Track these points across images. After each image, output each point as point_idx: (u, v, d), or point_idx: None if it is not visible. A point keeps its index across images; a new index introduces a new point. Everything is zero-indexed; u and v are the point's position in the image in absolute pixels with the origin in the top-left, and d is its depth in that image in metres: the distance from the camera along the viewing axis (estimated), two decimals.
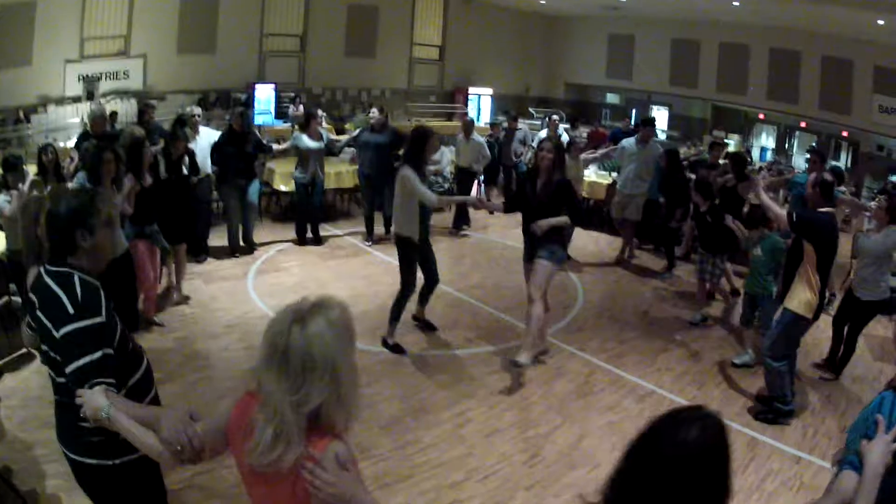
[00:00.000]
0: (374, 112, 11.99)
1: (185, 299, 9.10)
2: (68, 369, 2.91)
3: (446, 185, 13.79)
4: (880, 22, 15.11)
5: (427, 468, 5.87)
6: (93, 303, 3.07)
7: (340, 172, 13.28)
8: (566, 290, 10.77)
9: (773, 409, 7.24)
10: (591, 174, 14.36)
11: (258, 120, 16.45)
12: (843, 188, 11.48)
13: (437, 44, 23.31)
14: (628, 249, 12.50)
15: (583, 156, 12.25)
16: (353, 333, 2.38)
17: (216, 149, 10.47)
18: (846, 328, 8.41)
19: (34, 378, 6.71)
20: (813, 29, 18.84)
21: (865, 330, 8.52)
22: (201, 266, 10.40)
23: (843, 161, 22.11)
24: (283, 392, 2.17)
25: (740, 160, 10.05)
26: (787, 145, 24.09)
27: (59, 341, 2.95)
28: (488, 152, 13.61)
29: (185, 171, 9.29)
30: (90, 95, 14.50)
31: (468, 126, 13.35)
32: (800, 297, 6.84)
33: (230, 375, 7.10)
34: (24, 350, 7.04)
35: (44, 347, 3.10)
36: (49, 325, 2.99)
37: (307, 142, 11.17)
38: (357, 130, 12.38)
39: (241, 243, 11.03)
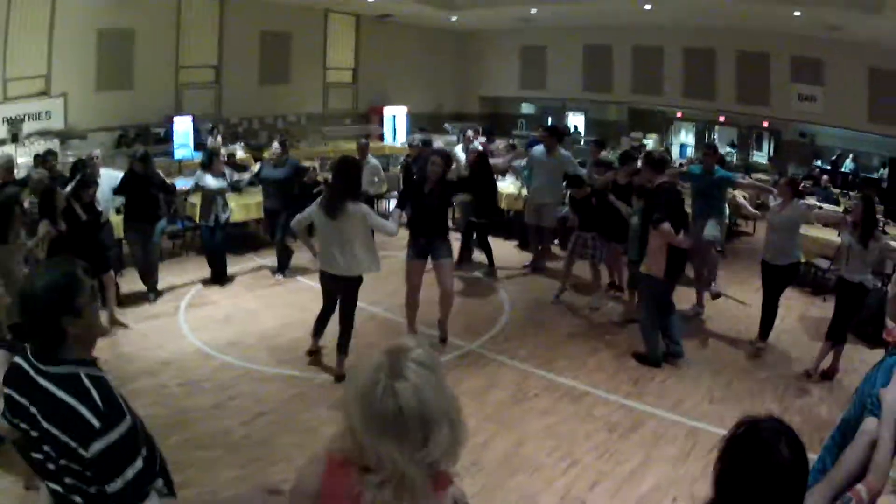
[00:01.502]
0: (275, 146, 11.86)
1: (121, 324, 9.28)
2: (112, 488, 2.55)
3: None
4: (797, 13, 15.47)
5: None
6: (115, 405, 2.64)
7: (249, 204, 13.15)
8: (491, 301, 11.00)
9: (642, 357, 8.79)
10: (509, 185, 14.54)
11: (178, 154, 16.35)
12: (747, 178, 11.95)
13: (350, 66, 23.33)
14: (544, 256, 12.82)
15: (492, 161, 12.71)
16: (441, 367, 2.20)
17: (118, 192, 10.36)
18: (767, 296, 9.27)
19: None
20: (727, 26, 19.15)
21: (802, 311, 9.02)
22: (132, 306, 10.28)
23: (766, 150, 22.70)
24: (405, 454, 2.01)
25: (659, 162, 10.34)
26: (706, 140, 24.49)
27: (91, 459, 2.52)
28: (383, 174, 13.76)
29: (98, 207, 9.33)
30: (14, 138, 14.32)
31: (363, 149, 13.39)
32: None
33: (171, 413, 7.12)
34: None
35: (46, 450, 2.62)
36: (66, 439, 2.53)
37: (209, 181, 10.96)
38: (258, 166, 12.24)
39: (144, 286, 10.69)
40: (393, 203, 11.94)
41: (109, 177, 10.53)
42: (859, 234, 8.11)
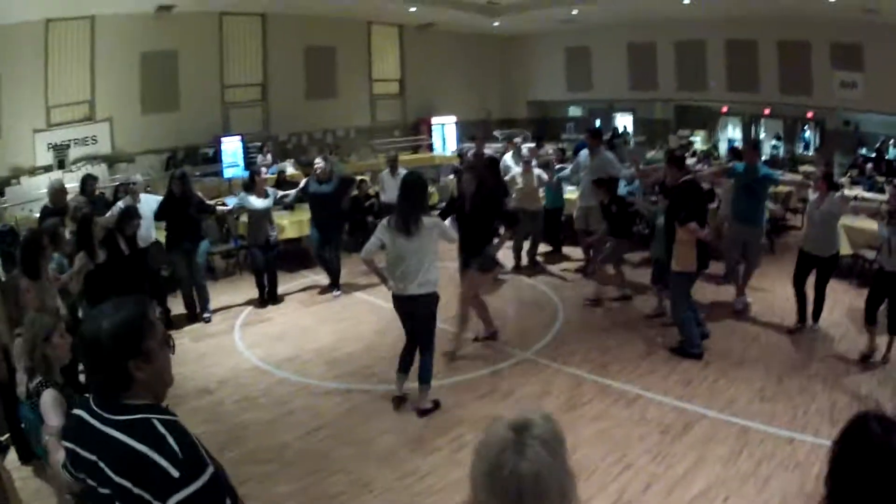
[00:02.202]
0: (319, 161, 11.81)
1: None
2: None
3: None
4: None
5: (428, 495, 5.99)
6: (194, 452, 2.38)
7: (301, 221, 13.05)
8: (544, 308, 10.96)
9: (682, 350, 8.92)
10: (568, 191, 14.48)
11: (227, 173, 16.53)
12: (787, 175, 11.94)
13: (396, 77, 23.44)
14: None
15: (537, 171, 12.64)
16: (565, 441, 2.13)
17: (159, 216, 10.37)
18: (809, 286, 9.48)
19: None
20: (766, 15, 18.98)
21: (850, 303, 8.98)
22: (189, 325, 10.47)
23: (812, 141, 22.43)
24: None
25: (679, 160, 10.33)
26: (753, 134, 24.27)
27: None
28: None
29: (140, 244, 9.41)
30: (61, 164, 14.53)
31: (393, 161, 13.52)
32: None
33: (228, 428, 7.21)
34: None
35: None
36: (140, 492, 2.29)
37: (253, 202, 11.00)
38: (304, 181, 12.13)
39: (198, 309, 10.79)
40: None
41: (149, 201, 10.50)
42: None
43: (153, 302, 8.82)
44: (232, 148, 17.24)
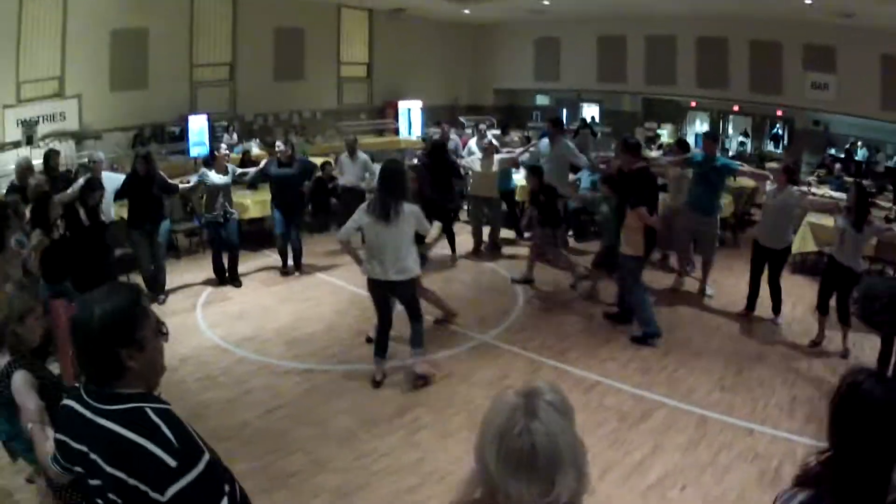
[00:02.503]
0: (280, 144, 11.79)
1: None
2: None
3: None
4: (808, 2, 15.44)
5: (384, 475, 6.05)
6: (190, 440, 2.35)
7: (265, 201, 12.86)
8: (505, 293, 11.01)
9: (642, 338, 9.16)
10: (522, 178, 14.54)
11: (193, 152, 16.45)
12: (745, 166, 12.17)
13: (364, 61, 23.39)
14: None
15: (498, 156, 12.69)
16: (573, 410, 2.12)
17: (120, 194, 10.28)
18: (760, 277, 9.81)
19: None
20: (738, 14, 19.06)
21: (812, 299, 9.37)
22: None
23: (782, 139, 22.67)
24: (533, 497, 1.93)
25: (634, 146, 10.46)
26: (721, 130, 24.50)
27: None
28: (374, 168, 13.63)
29: (102, 217, 9.18)
30: (30, 140, 14.38)
31: (352, 145, 13.51)
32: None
33: (189, 406, 7.15)
34: None
35: (112, 498, 2.34)
36: (135, 483, 2.24)
37: (213, 177, 10.97)
38: (264, 162, 12.02)
39: (154, 291, 10.46)
40: None
41: (112, 180, 10.39)
42: (853, 219, 8.41)
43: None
44: (198, 127, 17.14)
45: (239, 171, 11.59)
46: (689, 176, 11.16)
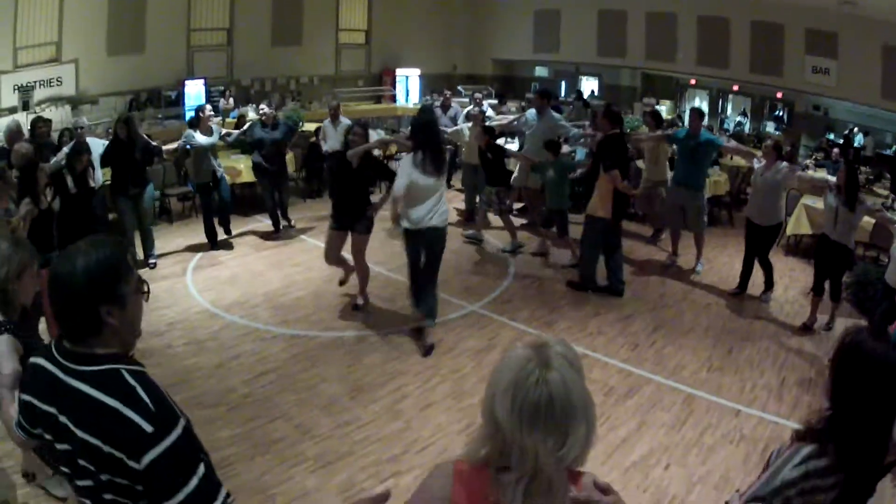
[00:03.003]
0: (264, 108, 11.99)
1: None
2: (175, 502, 2.14)
3: None
4: None
5: (366, 444, 6.07)
6: (166, 405, 2.23)
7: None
8: (496, 263, 11.06)
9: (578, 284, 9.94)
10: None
11: (189, 117, 16.42)
12: (732, 142, 12.60)
13: (362, 28, 23.29)
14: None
15: (492, 123, 12.66)
16: (581, 364, 2.10)
17: (104, 160, 10.05)
18: (755, 256, 9.84)
19: None
20: None
21: (806, 282, 9.64)
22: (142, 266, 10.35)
23: (782, 121, 22.62)
24: (548, 449, 1.93)
25: (615, 115, 10.43)
26: (720, 109, 24.46)
27: (145, 472, 2.13)
28: None
29: (91, 183, 9.15)
30: (26, 105, 14.32)
31: (335, 110, 13.42)
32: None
33: (175, 371, 7.26)
34: None
35: (82, 464, 2.24)
36: (110, 450, 2.14)
37: (199, 139, 10.85)
38: (247, 125, 12.14)
39: (140, 256, 10.43)
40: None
41: (96, 146, 10.14)
42: (844, 197, 8.41)
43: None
44: (195, 91, 17.11)
45: (224, 131, 11.62)
46: (665, 149, 11.67)
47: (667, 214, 11.32)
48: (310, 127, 15.23)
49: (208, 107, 11.40)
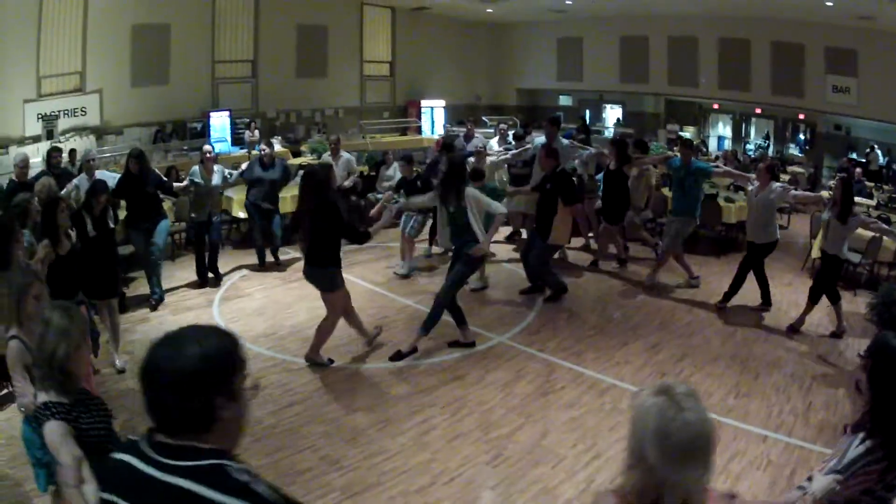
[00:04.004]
0: (264, 147, 11.97)
1: (122, 370, 7.97)
2: None
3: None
4: (829, 3, 15.42)
5: (394, 475, 6.04)
6: (280, 493, 2.12)
7: (285, 198, 12.82)
8: (522, 294, 11.01)
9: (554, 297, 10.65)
10: None
11: (217, 148, 16.48)
12: (723, 167, 12.97)
13: (386, 59, 23.48)
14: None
15: (491, 159, 12.60)
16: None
17: (115, 194, 9.82)
18: (749, 272, 10.32)
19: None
20: (761, 16, 19.14)
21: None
22: (169, 296, 10.46)
23: (802, 142, 22.58)
24: (696, 479, 2.21)
25: (622, 144, 12.04)
26: (743, 133, 24.44)
27: None
28: (356, 167, 13.94)
29: (110, 223, 8.66)
30: (50, 134, 14.47)
31: (335, 144, 13.55)
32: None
33: None
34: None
35: None
36: None
37: (199, 178, 10.93)
38: (245, 164, 12.13)
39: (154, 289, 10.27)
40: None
41: (106, 179, 10.01)
42: (838, 211, 9.08)
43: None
44: (220, 123, 17.26)
45: (227, 172, 11.57)
46: (651, 178, 12.70)
47: (670, 244, 11.43)
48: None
49: (207, 147, 11.29)
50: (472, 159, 12.37)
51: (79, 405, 3.73)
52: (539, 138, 12.63)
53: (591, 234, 13.52)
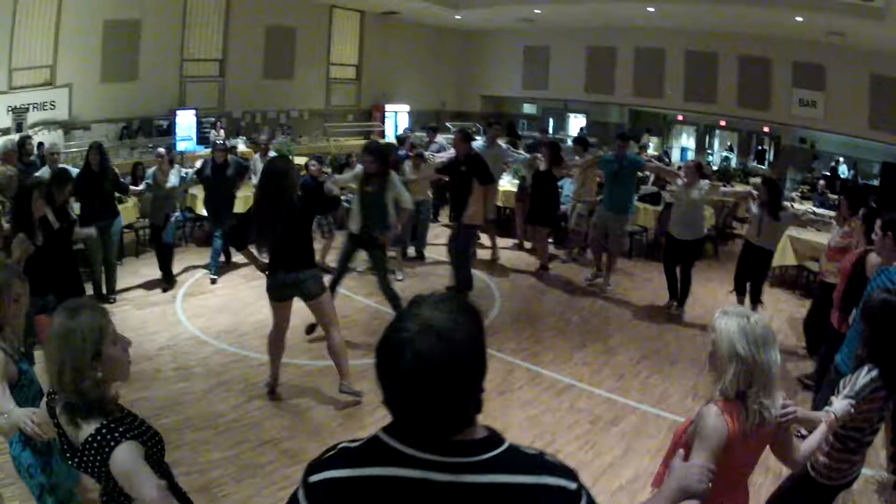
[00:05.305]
0: (220, 139, 12.09)
1: None
2: None
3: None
4: (798, 19, 15.66)
5: None
6: (559, 460, 1.94)
7: (248, 196, 12.11)
8: (483, 295, 11.10)
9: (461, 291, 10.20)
10: (505, 183, 14.57)
11: (180, 147, 16.45)
12: (654, 161, 13.89)
13: (353, 63, 23.52)
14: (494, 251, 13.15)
15: (435, 158, 13.12)
16: None
17: (74, 190, 9.17)
18: (678, 269, 10.61)
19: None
20: (729, 30, 19.38)
21: (791, 312, 10.36)
22: (133, 292, 10.52)
23: (767, 155, 22.87)
24: (776, 360, 3.15)
25: (554, 146, 12.41)
26: (706, 144, 24.69)
27: None
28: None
29: (72, 215, 8.34)
30: (19, 127, 14.39)
31: (266, 146, 13.67)
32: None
33: (165, 395, 7.32)
34: None
35: None
36: None
37: (159, 180, 10.73)
38: (200, 163, 12.05)
39: (104, 291, 10.19)
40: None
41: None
42: (768, 210, 9.43)
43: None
44: (186, 122, 17.21)
45: (184, 172, 11.44)
46: (593, 174, 12.57)
47: (592, 236, 11.87)
48: (300, 160, 15.27)
49: (161, 150, 11.07)
50: (408, 162, 12.49)
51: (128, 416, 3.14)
52: (479, 142, 12.74)
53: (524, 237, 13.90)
